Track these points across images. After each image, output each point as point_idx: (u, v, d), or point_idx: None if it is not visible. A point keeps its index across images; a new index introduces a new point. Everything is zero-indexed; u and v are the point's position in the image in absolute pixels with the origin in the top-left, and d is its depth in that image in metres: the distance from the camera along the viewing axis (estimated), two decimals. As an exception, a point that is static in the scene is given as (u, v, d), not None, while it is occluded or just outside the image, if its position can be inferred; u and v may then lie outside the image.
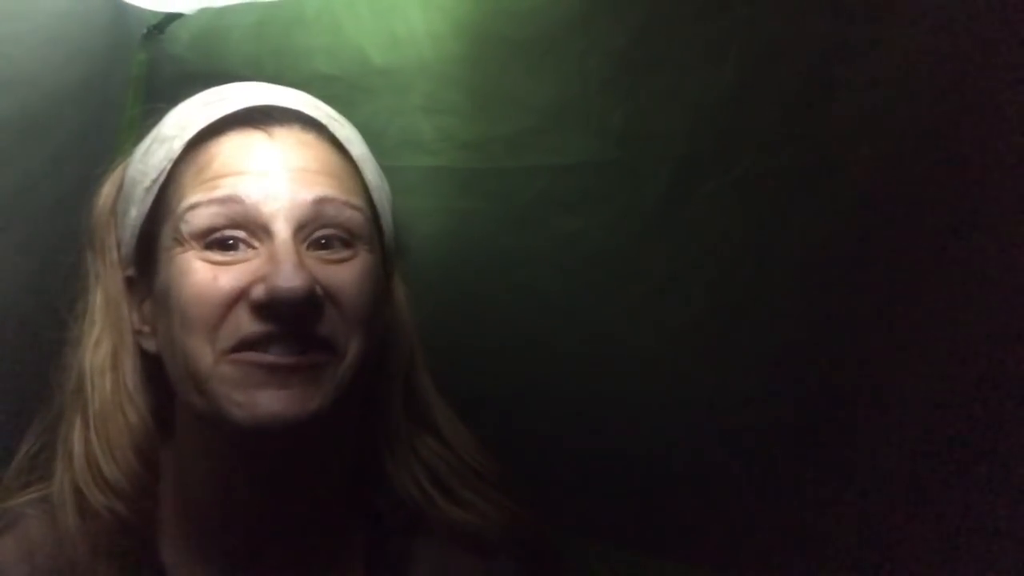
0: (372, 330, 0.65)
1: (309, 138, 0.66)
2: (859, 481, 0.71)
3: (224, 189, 0.62)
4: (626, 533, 0.84)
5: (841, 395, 0.72)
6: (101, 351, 0.67)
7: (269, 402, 0.59)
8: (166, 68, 1.10)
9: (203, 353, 0.60)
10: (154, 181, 0.65)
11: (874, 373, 0.70)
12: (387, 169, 0.74)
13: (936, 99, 0.66)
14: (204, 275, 0.60)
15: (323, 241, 0.63)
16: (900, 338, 0.69)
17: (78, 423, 0.65)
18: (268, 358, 0.59)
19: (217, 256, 0.61)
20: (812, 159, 0.72)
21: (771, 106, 0.74)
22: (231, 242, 0.61)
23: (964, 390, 0.66)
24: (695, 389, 0.80)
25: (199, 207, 0.61)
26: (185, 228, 0.61)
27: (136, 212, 0.67)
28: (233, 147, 0.64)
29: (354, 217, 0.64)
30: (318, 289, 0.60)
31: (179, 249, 0.62)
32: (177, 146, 0.65)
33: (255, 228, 0.61)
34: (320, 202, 0.63)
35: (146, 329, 0.67)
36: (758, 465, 0.76)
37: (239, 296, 0.60)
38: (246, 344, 0.60)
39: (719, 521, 0.79)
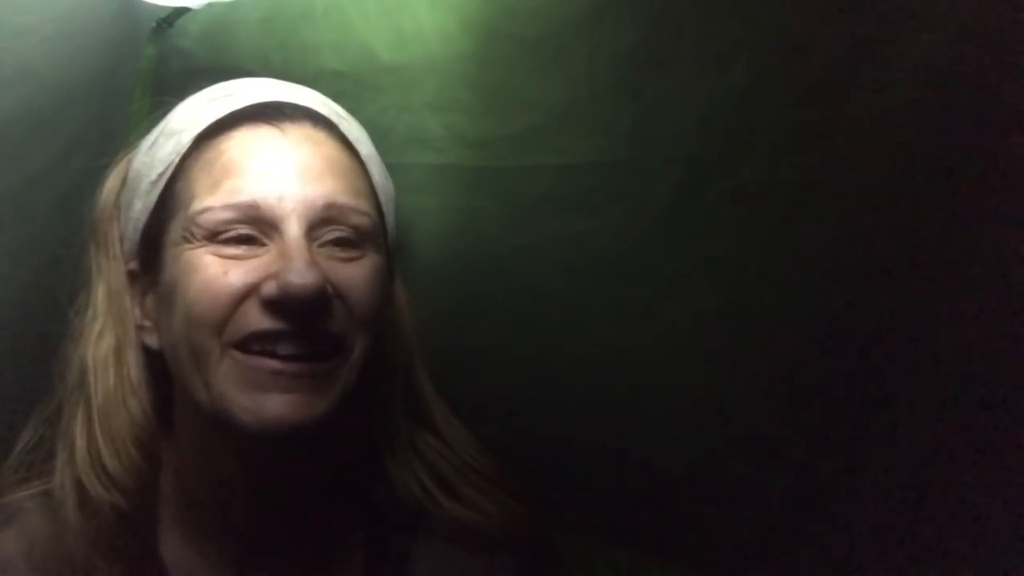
0: (377, 329, 0.65)
1: (320, 136, 0.66)
2: (861, 483, 0.71)
3: (238, 194, 0.61)
4: (628, 534, 0.84)
5: (846, 398, 0.72)
6: (104, 345, 0.67)
7: (276, 407, 0.59)
8: (174, 62, 1.10)
9: (210, 347, 0.60)
10: (160, 175, 0.65)
11: (879, 376, 0.70)
12: (394, 166, 0.74)
13: (949, 102, 0.66)
14: (214, 270, 0.60)
15: (333, 240, 0.63)
16: (906, 342, 0.69)
17: (80, 416, 0.65)
18: (275, 364, 0.60)
19: (227, 250, 0.61)
20: (821, 161, 0.72)
21: (780, 108, 0.74)
22: (242, 238, 0.61)
23: (969, 392, 0.65)
24: (700, 391, 0.79)
25: (213, 211, 0.61)
26: (197, 230, 0.62)
27: (141, 205, 0.67)
28: (244, 143, 0.64)
29: (362, 222, 0.64)
30: (329, 287, 0.60)
31: (188, 246, 0.62)
32: (186, 139, 0.65)
33: (267, 226, 0.62)
34: (330, 207, 0.63)
35: (148, 324, 0.67)
36: (761, 467, 0.76)
37: (249, 292, 0.60)
38: (254, 339, 0.60)
39: (721, 523, 0.79)
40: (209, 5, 1.06)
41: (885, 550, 0.69)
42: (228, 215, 0.61)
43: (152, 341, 0.67)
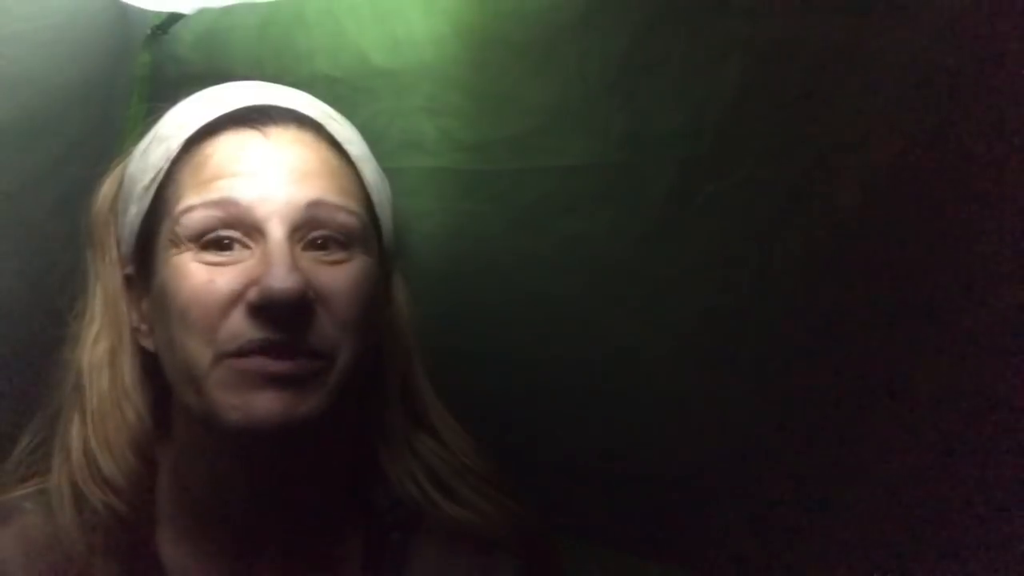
0: (366, 332, 0.65)
1: (306, 138, 0.66)
2: (861, 484, 0.71)
3: (219, 192, 0.62)
4: (626, 535, 0.84)
5: (844, 398, 0.72)
6: (99, 348, 0.67)
7: (264, 405, 0.59)
8: (169, 68, 1.10)
9: (201, 355, 0.60)
10: (152, 180, 0.66)
11: (877, 375, 0.70)
12: (388, 171, 0.74)
13: (942, 100, 0.66)
14: (200, 278, 0.61)
15: (319, 241, 0.63)
16: (903, 340, 0.69)
17: (76, 419, 0.66)
18: (263, 363, 0.60)
19: (213, 256, 0.61)
20: (815, 162, 0.72)
21: (774, 108, 0.74)
22: (226, 242, 0.62)
23: (967, 391, 0.65)
24: (697, 391, 0.79)
25: (195, 210, 0.62)
26: (181, 231, 0.62)
27: (135, 210, 0.67)
28: (228, 147, 0.64)
29: (348, 221, 0.64)
30: (310, 292, 0.61)
31: (175, 251, 0.62)
32: (175, 145, 0.65)
33: (250, 229, 0.62)
34: (314, 205, 0.63)
35: (144, 327, 0.67)
36: (759, 467, 0.76)
37: (236, 298, 0.60)
38: (244, 352, 0.60)
39: (720, 524, 0.79)
40: (203, 11, 1.07)
41: (884, 550, 0.69)
42: (209, 213, 0.61)
43: (149, 344, 0.67)
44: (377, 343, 0.69)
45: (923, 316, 0.67)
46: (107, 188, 0.72)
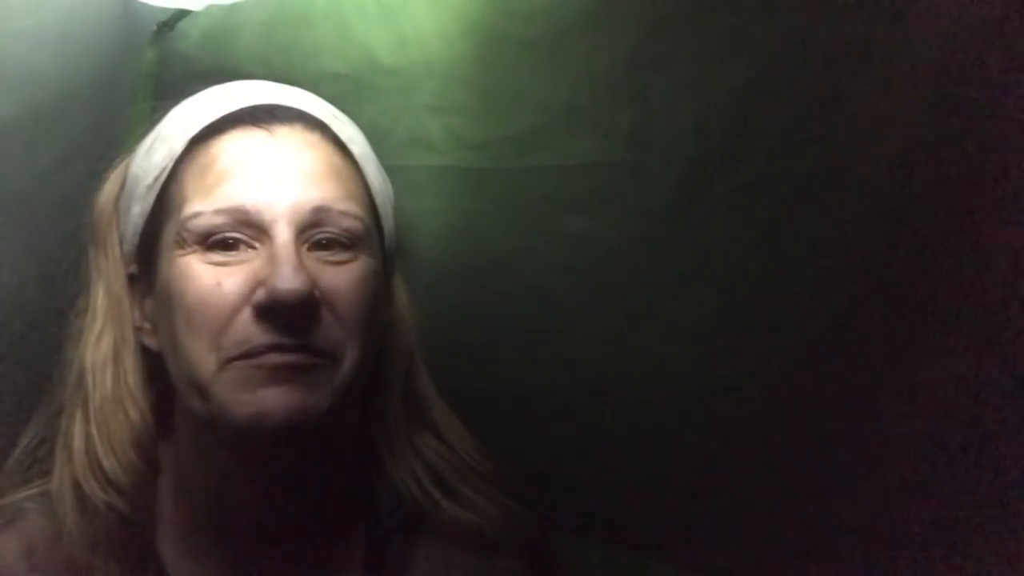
0: (370, 333, 0.65)
1: (312, 138, 0.66)
2: (862, 484, 0.70)
3: (226, 198, 0.62)
4: (628, 535, 0.84)
5: (847, 398, 0.71)
6: (102, 347, 0.67)
7: (272, 397, 0.59)
8: (176, 65, 1.10)
9: (207, 360, 0.60)
10: (156, 179, 0.66)
11: (880, 376, 0.70)
12: (394, 168, 0.74)
13: (949, 103, 0.66)
14: (207, 280, 0.61)
15: (323, 242, 0.63)
16: (906, 341, 0.68)
17: (79, 418, 0.66)
18: (269, 361, 0.60)
19: (218, 257, 0.61)
20: (822, 161, 0.72)
21: (782, 108, 0.74)
22: (232, 242, 0.62)
23: (970, 392, 0.65)
24: (700, 391, 0.79)
25: (202, 216, 0.62)
26: (188, 235, 0.62)
27: (139, 209, 0.67)
28: (235, 146, 0.64)
29: (353, 225, 0.65)
30: (316, 292, 0.61)
31: (180, 252, 0.62)
32: (179, 144, 0.65)
33: (256, 231, 0.62)
34: (319, 211, 0.63)
35: (147, 326, 0.68)
36: (761, 467, 0.76)
37: (243, 301, 0.61)
38: (251, 356, 0.60)
39: (721, 524, 0.79)
40: (210, 8, 1.07)
41: (885, 550, 0.69)
42: (218, 220, 0.62)
43: (152, 343, 0.67)
44: (379, 344, 0.69)
45: (927, 315, 0.67)
46: (110, 186, 0.72)
